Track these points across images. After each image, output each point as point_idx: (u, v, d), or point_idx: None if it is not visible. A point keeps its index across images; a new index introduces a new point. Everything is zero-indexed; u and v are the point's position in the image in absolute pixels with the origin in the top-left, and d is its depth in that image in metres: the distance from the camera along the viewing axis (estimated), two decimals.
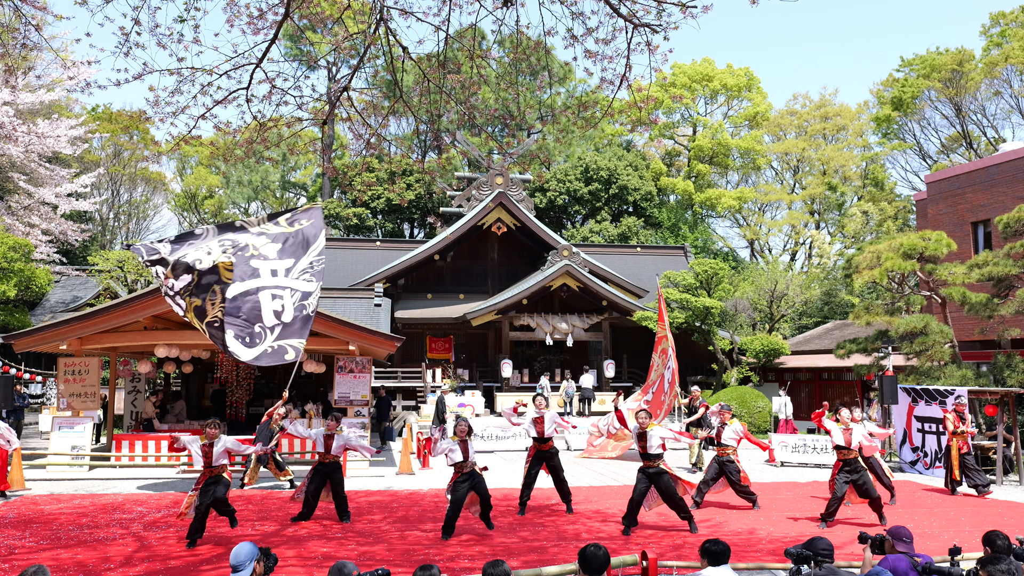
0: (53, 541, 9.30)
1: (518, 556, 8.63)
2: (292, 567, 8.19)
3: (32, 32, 9.17)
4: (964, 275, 18.87)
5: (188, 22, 8.23)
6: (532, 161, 37.86)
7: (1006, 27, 40.71)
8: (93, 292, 30.73)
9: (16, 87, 24.13)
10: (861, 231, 44.32)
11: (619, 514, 11.32)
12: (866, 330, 21.73)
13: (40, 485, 13.89)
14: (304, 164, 49.62)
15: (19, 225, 27.54)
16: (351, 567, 4.58)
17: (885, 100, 46.05)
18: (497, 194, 30.41)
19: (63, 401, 16.25)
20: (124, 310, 15.05)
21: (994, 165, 23.09)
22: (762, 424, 23.22)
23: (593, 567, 4.81)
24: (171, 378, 24.61)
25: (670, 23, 7.75)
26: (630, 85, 8.56)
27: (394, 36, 8.91)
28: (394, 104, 9.99)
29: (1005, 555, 5.20)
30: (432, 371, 28.11)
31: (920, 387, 16.75)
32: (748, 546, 9.27)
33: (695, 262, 27.19)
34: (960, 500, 13.28)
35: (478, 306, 28.41)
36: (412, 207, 44.33)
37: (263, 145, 9.83)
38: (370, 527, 10.42)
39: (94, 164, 38.77)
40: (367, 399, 17.10)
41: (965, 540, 9.47)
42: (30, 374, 24.67)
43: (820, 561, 5.08)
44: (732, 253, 48.56)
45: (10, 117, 25.23)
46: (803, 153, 46.89)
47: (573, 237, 41.49)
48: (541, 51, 8.93)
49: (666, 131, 51.34)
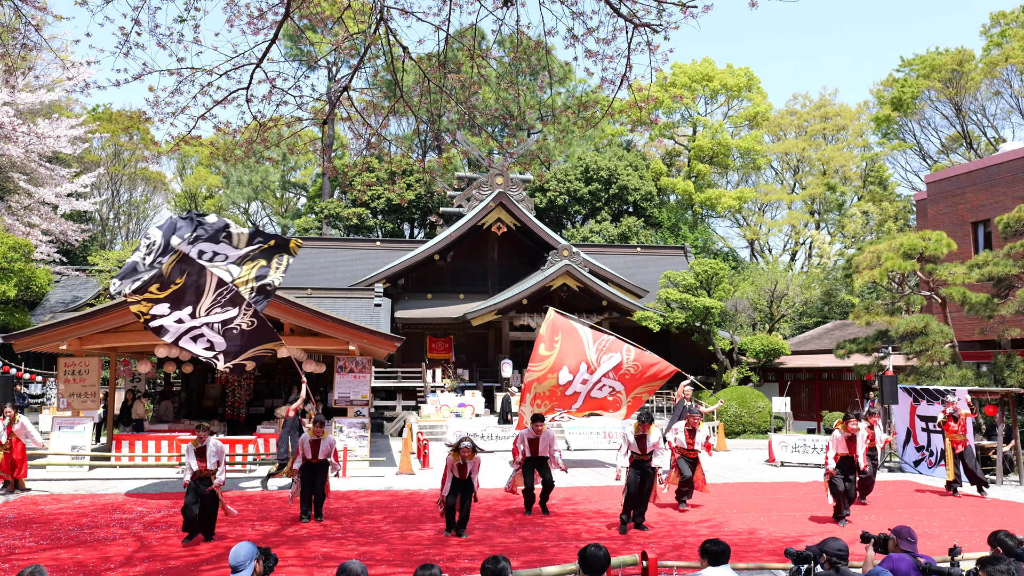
0: (53, 541, 9.30)
1: (518, 556, 8.63)
2: (292, 567, 8.19)
3: (32, 32, 9.16)
4: (964, 275, 18.87)
5: (188, 22, 8.22)
6: (532, 161, 37.80)
7: (1006, 27, 40.70)
8: (93, 292, 30.73)
9: (16, 87, 24.11)
10: (861, 231, 44.31)
11: (619, 513, 11.33)
12: (866, 330, 21.74)
13: (40, 485, 13.89)
14: (304, 164, 49.61)
15: (19, 225, 27.53)
16: (358, 566, 4.57)
17: (885, 100, 46.05)
18: (497, 194, 30.41)
19: (63, 401, 16.25)
20: (124, 310, 15.03)
21: (994, 165, 23.09)
22: (762, 424, 23.22)
23: (593, 567, 4.81)
24: (171, 378, 24.61)
25: (670, 23, 7.74)
26: (630, 85, 8.55)
27: (394, 36, 8.90)
28: (394, 104, 9.98)
29: (1012, 556, 5.21)
30: (432, 371, 28.10)
31: (920, 387, 16.75)
32: (748, 546, 9.27)
33: (695, 262, 27.19)
34: (960, 500, 13.27)
35: (478, 306, 28.41)
36: (412, 207, 44.33)
37: (263, 145, 9.82)
38: (370, 527, 10.42)
39: (94, 164, 38.76)
40: (367, 399, 17.10)
41: (965, 540, 9.47)
42: (30, 374, 24.67)
43: (835, 563, 5.07)
44: (732, 253, 48.56)
45: (10, 117, 25.22)
46: (803, 153, 46.89)
47: (573, 237, 41.48)
48: (541, 51, 8.93)
49: (666, 131, 51.34)
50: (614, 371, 15.71)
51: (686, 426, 12.32)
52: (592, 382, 15.67)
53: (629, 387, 15.86)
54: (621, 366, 15.73)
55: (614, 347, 15.91)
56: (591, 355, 15.70)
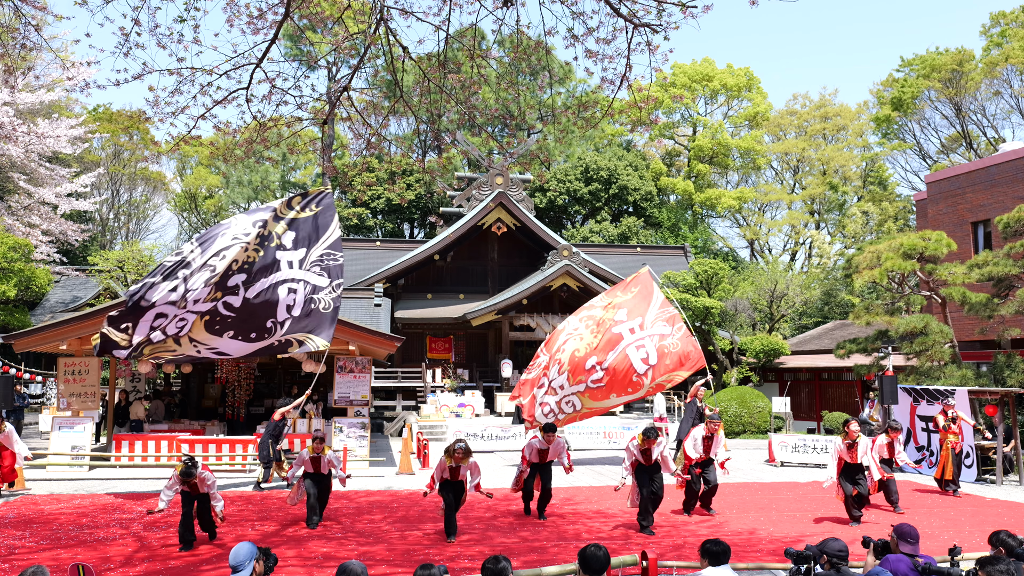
0: (53, 541, 9.29)
1: (518, 556, 8.63)
2: (292, 567, 8.19)
3: (32, 32, 9.16)
4: (964, 275, 18.87)
5: (188, 22, 8.22)
6: (532, 161, 37.82)
7: (1006, 27, 40.70)
8: (93, 292, 30.74)
9: (16, 87, 24.12)
10: (861, 231, 44.32)
11: (620, 514, 11.34)
12: (866, 330, 21.74)
13: (40, 485, 13.88)
14: (304, 164, 49.58)
15: (19, 225, 27.53)
16: (358, 567, 4.56)
17: (885, 100, 46.05)
18: (497, 194, 30.40)
19: (63, 401, 16.24)
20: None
21: (994, 165, 23.09)
22: (762, 424, 23.22)
23: (593, 567, 4.81)
24: (171, 378, 24.61)
25: (670, 23, 7.75)
26: (630, 85, 8.55)
27: (394, 36, 8.90)
28: (394, 104, 9.98)
29: (1013, 556, 5.21)
30: (432, 371, 28.10)
31: (920, 387, 16.76)
32: (748, 546, 9.27)
33: (695, 262, 27.18)
34: (960, 500, 13.28)
35: (478, 306, 28.41)
36: (412, 207, 44.33)
37: (263, 145, 9.82)
38: (370, 527, 10.42)
39: (94, 164, 38.77)
40: (367, 399, 17.10)
41: (965, 540, 9.47)
42: (30, 374, 24.67)
43: (835, 563, 5.07)
44: (732, 253, 48.56)
45: (10, 117, 25.22)
46: (803, 153, 46.89)
47: (573, 237, 41.48)
48: (541, 51, 8.93)
49: (666, 131, 51.34)
50: (659, 338, 15.13)
51: (704, 433, 11.54)
52: (637, 338, 15.13)
53: (659, 367, 15.07)
54: (665, 337, 15.13)
55: (671, 320, 15.47)
56: (651, 315, 15.37)
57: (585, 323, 15.82)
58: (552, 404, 15.48)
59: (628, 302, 15.73)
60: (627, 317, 15.41)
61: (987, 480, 15.56)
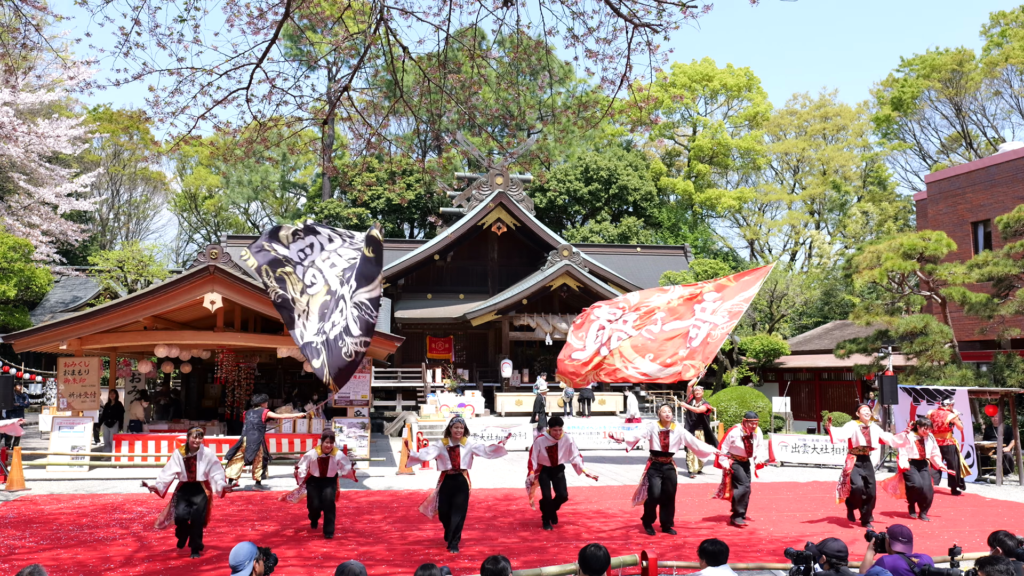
0: (53, 541, 9.30)
1: (518, 556, 8.63)
2: (292, 567, 8.19)
3: (32, 32, 9.15)
4: (964, 275, 18.87)
5: (188, 22, 8.21)
6: (532, 161, 37.79)
7: (1006, 27, 40.69)
8: (93, 292, 30.74)
9: (16, 87, 24.12)
10: (861, 231, 44.32)
11: (620, 514, 11.34)
12: (866, 330, 21.73)
13: (40, 485, 13.88)
14: (304, 164, 49.61)
15: (19, 225, 27.54)
16: (358, 567, 4.57)
17: (885, 100, 46.05)
18: (497, 194, 30.40)
19: (63, 401, 16.25)
20: (124, 310, 15.06)
21: (994, 165, 23.09)
22: (762, 424, 23.22)
23: (593, 567, 4.81)
24: (171, 378, 24.61)
25: (670, 23, 7.74)
26: (630, 85, 8.55)
27: (394, 36, 8.90)
28: (394, 104, 9.98)
29: (1012, 556, 5.21)
30: (432, 371, 28.10)
31: (920, 387, 16.75)
32: (748, 546, 9.27)
33: (695, 262, 27.19)
34: (960, 500, 13.28)
35: (478, 306, 28.41)
36: (412, 207, 44.34)
37: (263, 145, 9.81)
38: (370, 527, 10.42)
39: (94, 164, 38.78)
40: (367, 399, 17.10)
41: (965, 540, 9.47)
42: (30, 374, 24.68)
43: (834, 563, 5.07)
44: (732, 253, 48.55)
45: (10, 117, 25.23)
46: (803, 153, 46.89)
47: (573, 237, 41.47)
48: (541, 51, 8.93)
49: (666, 131, 51.33)
50: (712, 327, 14.76)
51: (743, 433, 11.02)
52: (701, 319, 14.87)
53: (693, 353, 14.64)
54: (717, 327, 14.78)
55: (734, 315, 14.97)
56: (728, 303, 15.00)
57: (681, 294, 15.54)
58: (597, 338, 15.53)
59: (729, 292, 15.19)
60: (714, 300, 15.05)
61: (987, 480, 15.57)
